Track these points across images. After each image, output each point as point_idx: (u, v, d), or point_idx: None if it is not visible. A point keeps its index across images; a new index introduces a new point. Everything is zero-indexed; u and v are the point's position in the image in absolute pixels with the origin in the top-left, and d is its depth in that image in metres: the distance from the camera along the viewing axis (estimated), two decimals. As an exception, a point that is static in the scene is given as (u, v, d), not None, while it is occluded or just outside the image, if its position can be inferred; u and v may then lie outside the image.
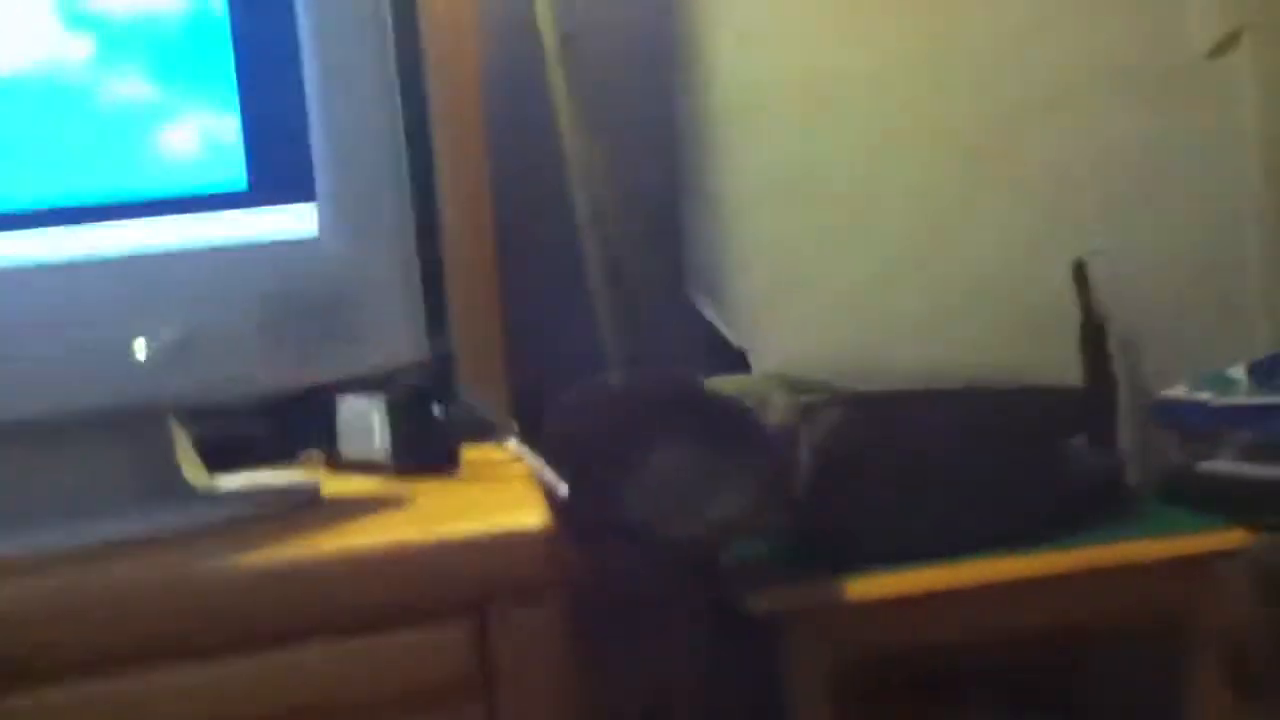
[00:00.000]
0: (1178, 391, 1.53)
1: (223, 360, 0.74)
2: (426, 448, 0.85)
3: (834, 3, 1.64)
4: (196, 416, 0.94)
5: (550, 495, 0.73)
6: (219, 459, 0.93)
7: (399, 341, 0.76)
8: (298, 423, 1.05)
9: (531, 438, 0.90)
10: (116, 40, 0.75)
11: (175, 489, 0.79)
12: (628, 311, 1.39)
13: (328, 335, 0.74)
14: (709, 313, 1.48)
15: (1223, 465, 1.45)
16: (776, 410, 1.23)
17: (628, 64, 1.53)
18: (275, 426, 1.07)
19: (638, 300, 1.41)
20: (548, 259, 1.37)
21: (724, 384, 1.28)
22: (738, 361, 1.47)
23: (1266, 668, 1.61)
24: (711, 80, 1.58)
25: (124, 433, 0.78)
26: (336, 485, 0.86)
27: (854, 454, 1.24)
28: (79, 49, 0.74)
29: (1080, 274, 1.63)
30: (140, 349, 0.72)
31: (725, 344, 1.48)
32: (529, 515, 0.66)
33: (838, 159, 1.64)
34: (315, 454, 1.01)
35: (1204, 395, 1.49)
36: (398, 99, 0.80)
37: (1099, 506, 1.37)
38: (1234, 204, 1.73)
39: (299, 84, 0.76)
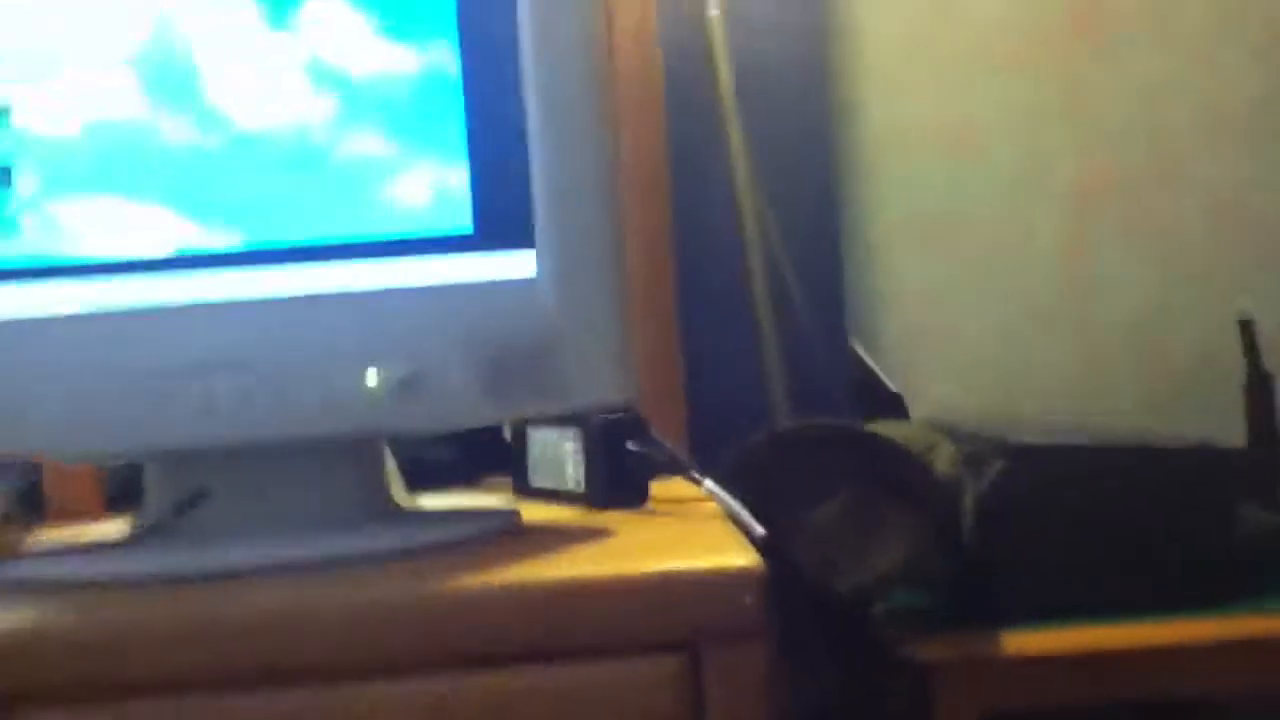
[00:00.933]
0: (1349, 455, 1.49)
1: (442, 394, 0.79)
2: (619, 481, 0.89)
3: (975, 52, 1.65)
4: (398, 442, 0.99)
5: (749, 535, 0.75)
6: (409, 478, 0.99)
7: (607, 384, 0.80)
8: (481, 449, 1.11)
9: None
10: (356, 99, 0.81)
11: (387, 511, 0.85)
12: (792, 357, 1.41)
13: (541, 374, 0.79)
14: (867, 358, 1.49)
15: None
16: (941, 459, 1.23)
17: (786, 109, 1.56)
18: (460, 451, 1.13)
19: (802, 346, 1.44)
20: (719, 306, 1.41)
21: (887, 430, 1.29)
22: (897, 407, 1.48)
23: None
24: (861, 126, 1.62)
25: (345, 457, 0.84)
26: (531, 513, 0.90)
27: (1018, 507, 1.24)
28: (323, 107, 0.81)
29: (1248, 330, 1.59)
30: (372, 379, 0.77)
31: (884, 390, 1.50)
32: (740, 554, 0.68)
33: (982, 205, 1.65)
34: (499, 481, 1.06)
35: (1378, 461, 1.44)
36: (609, 153, 0.84)
37: (1266, 571, 1.33)
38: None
39: (523, 139, 0.81)
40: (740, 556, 0.68)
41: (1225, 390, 1.59)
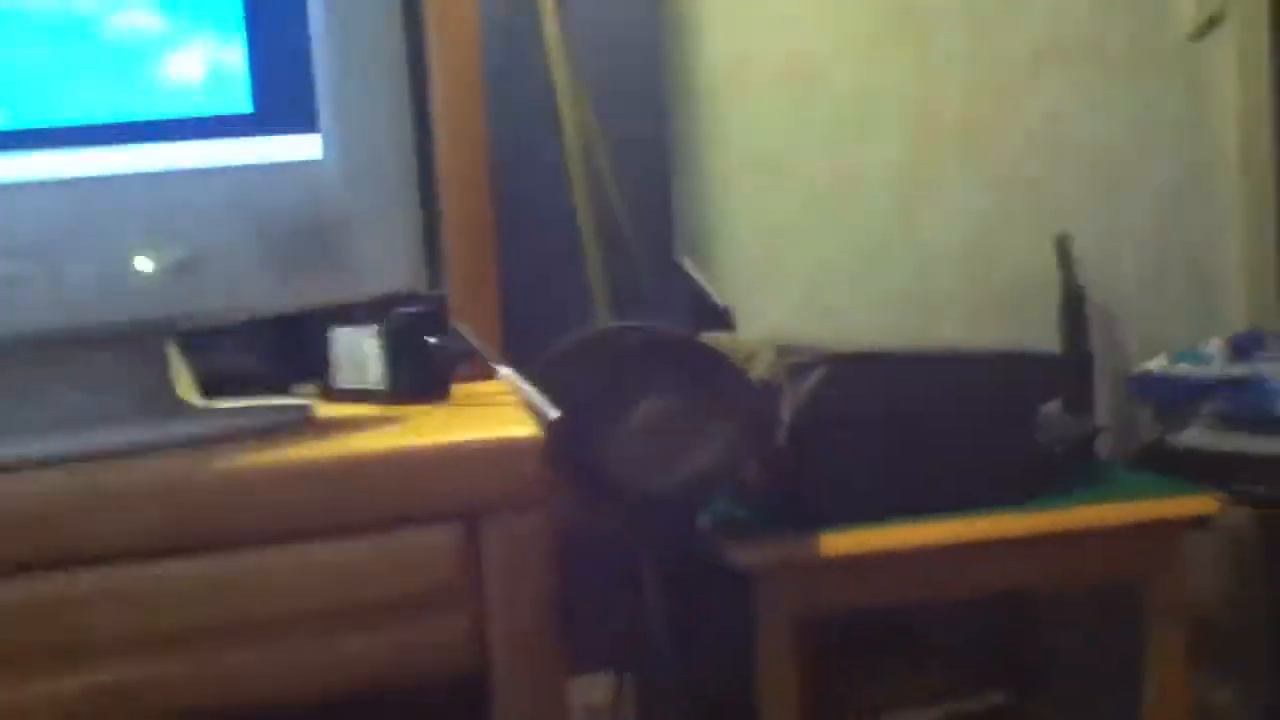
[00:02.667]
0: (1154, 365, 1.57)
1: (223, 281, 0.76)
2: (420, 376, 0.87)
3: None
4: (192, 348, 0.96)
5: (542, 420, 0.75)
6: (213, 388, 0.95)
7: (396, 269, 0.78)
8: (289, 356, 1.08)
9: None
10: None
11: (171, 405, 0.82)
12: (617, 270, 1.41)
13: (327, 259, 0.77)
14: (695, 273, 1.50)
15: (1195, 436, 1.49)
16: (762, 366, 1.25)
17: (621, 35, 1.55)
18: (267, 360, 1.10)
19: (628, 260, 1.44)
20: (541, 216, 1.39)
21: (713, 341, 1.30)
22: (724, 321, 1.49)
23: (1228, 637, 1.65)
24: (698, 58, 1.62)
25: (124, 350, 0.80)
26: (330, 410, 0.88)
27: (834, 413, 1.27)
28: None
29: (1063, 248, 1.66)
30: (144, 264, 0.74)
31: (713, 308, 1.51)
32: (520, 429, 0.68)
33: (821, 135, 1.67)
34: (308, 387, 1.03)
35: (1180, 368, 1.52)
36: (401, 36, 0.82)
37: (1071, 472, 1.40)
38: (1212, 184, 1.77)
39: (304, 15, 0.78)
40: (521, 430, 0.68)
41: (1048, 306, 1.67)
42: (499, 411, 0.78)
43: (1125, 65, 1.74)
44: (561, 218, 1.38)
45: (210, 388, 0.95)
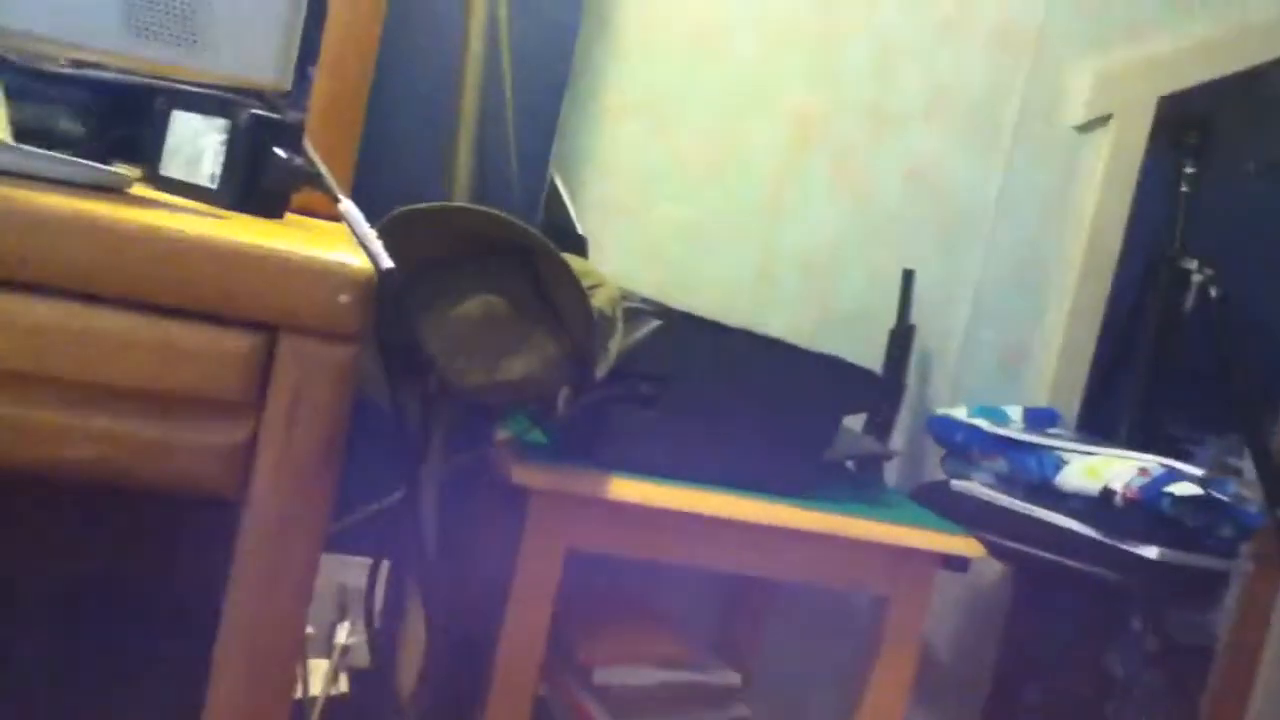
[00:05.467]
0: (958, 412, 1.63)
1: (74, 9, 0.69)
2: (256, 185, 0.81)
3: None
4: (16, 94, 0.87)
5: (375, 265, 0.71)
6: (26, 141, 0.87)
7: (260, 60, 0.72)
8: (122, 133, 0.99)
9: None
10: None
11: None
12: (487, 165, 1.37)
13: (193, 24, 0.70)
14: (564, 192, 1.47)
15: (974, 487, 1.56)
16: (603, 298, 1.23)
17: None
18: (97, 131, 1.01)
19: (501, 159, 1.39)
20: (426, 86, 1.33)
21: (568, 258, 1.28)
22: (580, 248, 1.47)
23: (951, 677, 1.74)
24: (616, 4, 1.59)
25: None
26: (150, 194, 0.81)
27: (656, 365, 1.27)
28: None
29: (906, 283, 1.71)
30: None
31: (571, 231, 1.48)
32: (343, 256, 0.64)
33: (705, 101, 1.67)
34: (132, 168, 0.95)
35: (979, 421, 1.59)
36: None
37: (855, 485, 1.44)
38: (1055, 263, 1.85)
39: None
40: (346, 257, 0.64)
41: (879, 333, 1.71)
42: (328, 240, 0.73)
43: (1011, 134, 1.80)
44: (443, 94, 1.32)
45: (24, 139, 0.87)
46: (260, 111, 0.82)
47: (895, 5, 1.73)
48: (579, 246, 1.48)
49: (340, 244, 0.72)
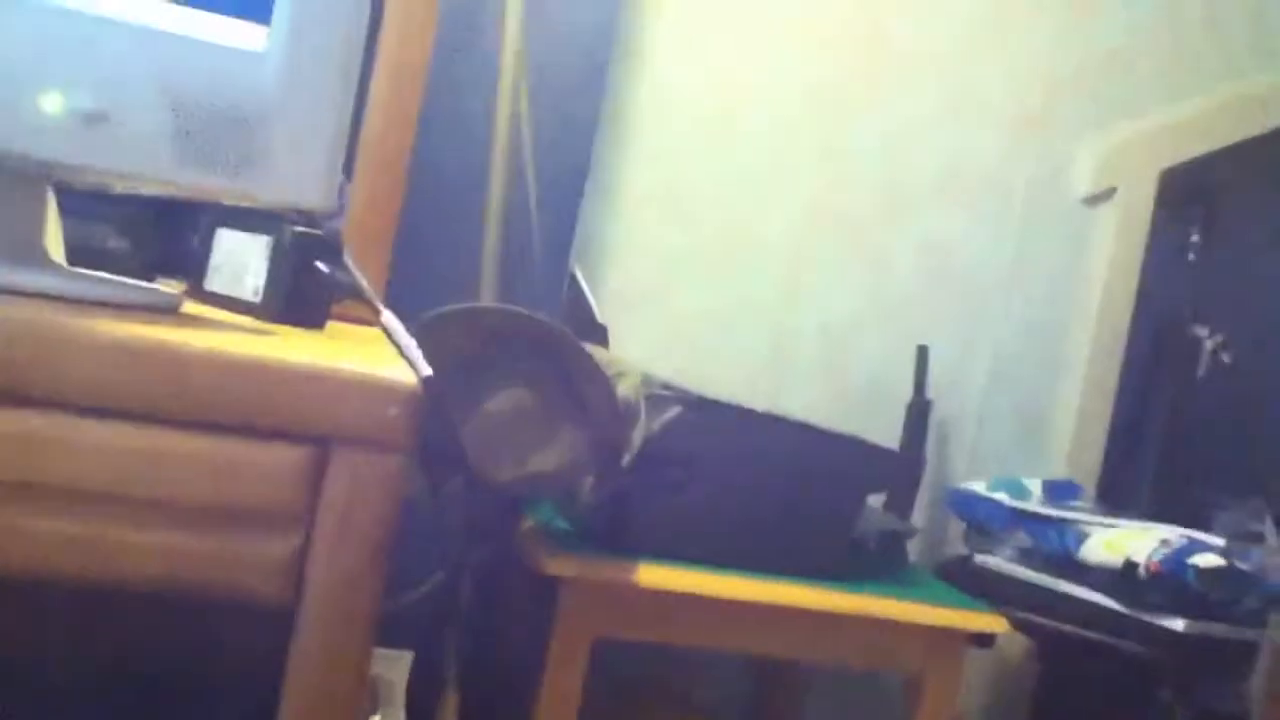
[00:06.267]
0: (976, 486, 1.65)
1: (125, 139, 0.73)
2: (299, 298, 0.85)
3: (760, 52, 1.72)
4: (67, 212, 0.92)
5: (415, 373, 0.74)
6: (75, 260, 0.91)
7: (308, 183, 0.76)
8: (164, 248, 1.04)
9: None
10: None
11: (35, 257, 0.78)
12: (511, 262, 1.41)
13: (240, 152, 0.74)
14: (584, 284, 1.51)
15: (998, 562, 1.57)
16: (627, 386, 1.26)
17: (575, 36, 1.57)
18: (140, 246, 1.05)
19: (524, 255, 1.44)
20: (455, 187, 1.38)
21: (590, 348, 1.31)
22: (600, 337, 1.51)
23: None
24: (637, 82, 1.64)
25: (6, 187, 0.76)
26: (197, 310, 0.85)
27: (681, 451, 1.29)
28: None
29: (921, 359, 1.74)
30: (50, 102, 0.71)
31: (592, 321, 1.52)
32: (390, 370, 0.67)
33: (720, 188, 1.72)
34: (176, 283, 0.99)
35: (998, 495, 1.60)
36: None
37: (879, 565, 1.45)
38: (1068, 335, 1.88)
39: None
40: (392, 371, 0.67)
41: (895, 410, 1.74)
42: (372, 350, 0.77)
43: (1021, 209, 1.84)
44: (471, 196, 1.37)
45: (74, 257, 0.91)
46: (302, 228, 0.86)
47: (901, 86, 1.78)
48: (600, 336, 1.52)
49: (382, 354, 0.76)
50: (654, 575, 1.27)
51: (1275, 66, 1.95)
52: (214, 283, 0.93)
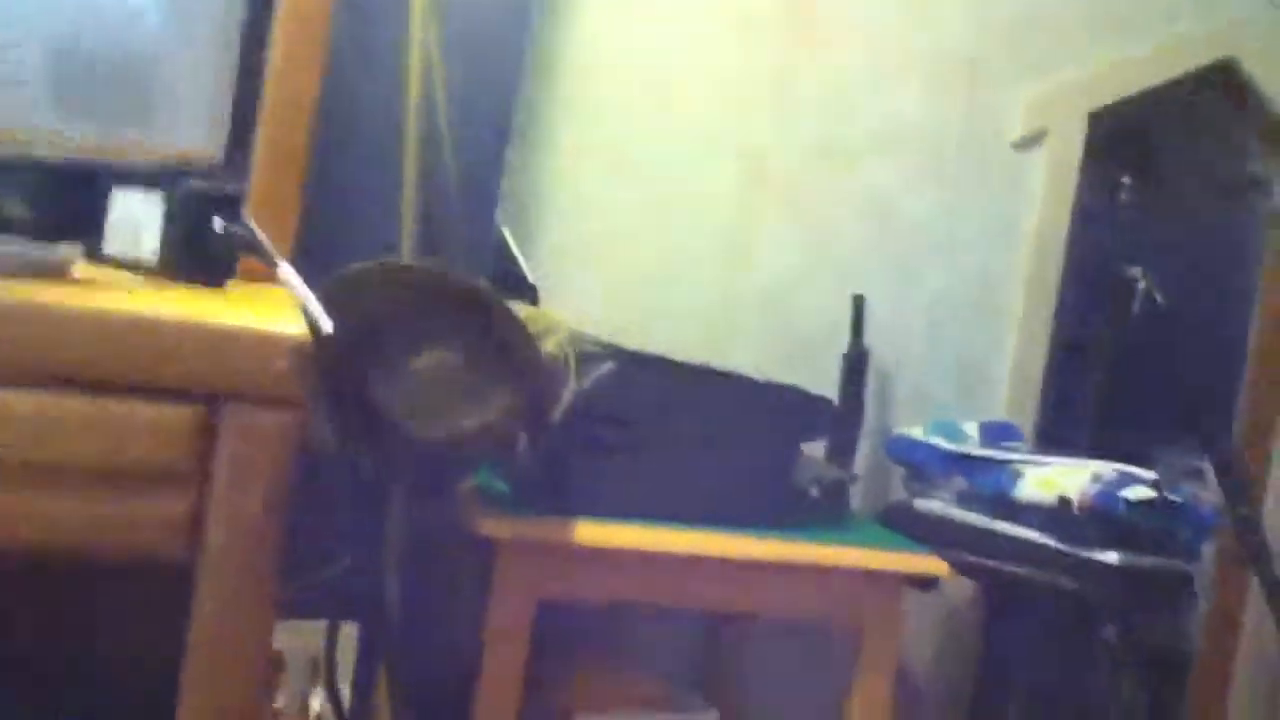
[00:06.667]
0: (915, 431, 1.65)
1: (10, 94, 0.70)
2: (197, 257, 0.82)
3: (688, 4, 1.70)
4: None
5: (313, 328, 0.72)
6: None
7: (196, 131, 0.74)
8: (59, 211, 1.00)
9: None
10: None
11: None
12: (433, 219, 1.38)
13: (127, 105, 0.72)
14: (512, 242, 1.49)
15: (937, 505, 1.58)
16: (553, 344, 1.25)
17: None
18: (36, 211, 1.02)
19: (445, 211, 1.41)
20: (369, 141, 1.35)
21: (515, 308, 1.29)
22: (530, 296, 1.49)
23: (931, 698, 1.74)
24: (564, 39, 1.62)
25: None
26: (92, 273, 0.82)
27: (612, 408, 1.28)
28: None
29: (857, 309, 1.74)
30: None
31: (520, 280, 1.50)
32: (285, 326, 0.65)
33: (659, 144, 1.70)
34: (74, 247, 0.96)
35: (936, 440, 1.61)
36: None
37: (820, 513, 1.45)
38: (1003, 282, 1.88)
39: None
40: (280, 325, 0.65)
41: (833, 359, 1.73)
42: (268, 307, 0.74)
43: (955, 159, 1.84)
44: (386, 152, 1.33)
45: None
46: (196, 183, 0.83)
47: (834, 40, 1.77)
48: (530, 295, 1.50)
49: (280, 311, 0.73)
50: (594, 533, 1.25)
51: (1205, 8, 1.96)
52: (111, 245, 0.90)
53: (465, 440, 1.13)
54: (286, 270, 0.77)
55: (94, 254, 0.92)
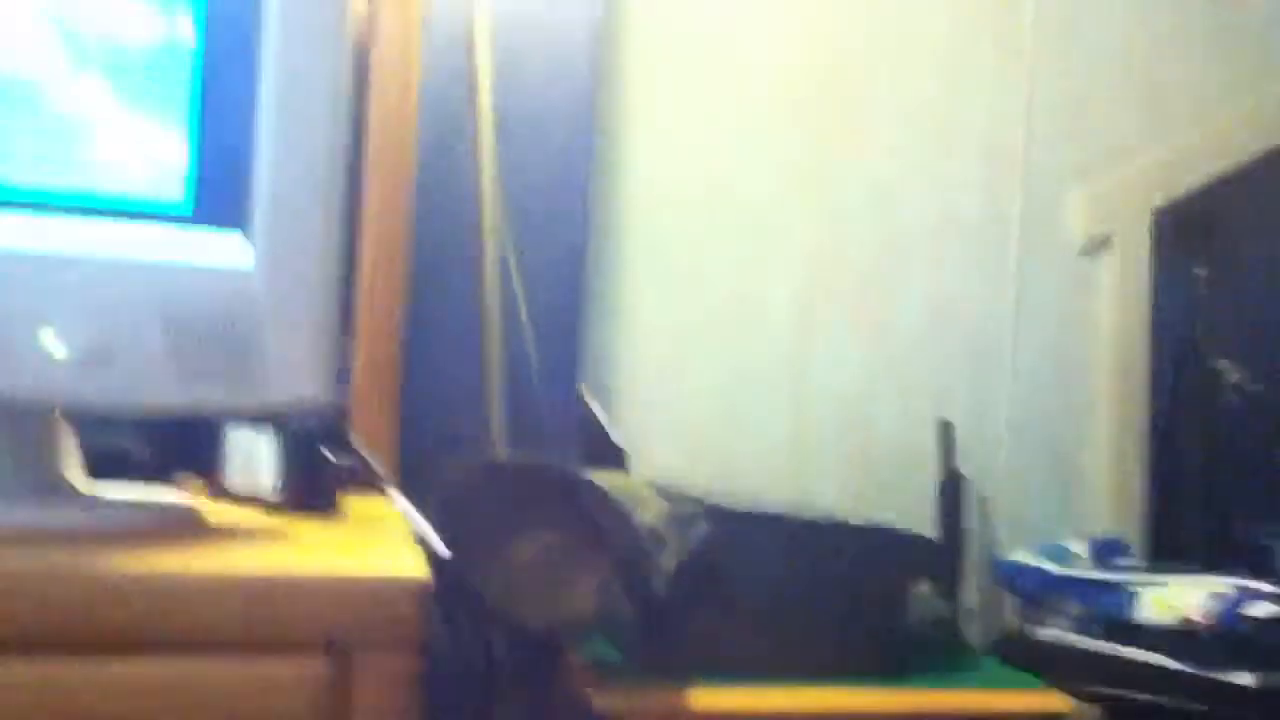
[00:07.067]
0: (1021, 556, 1.62)
1: (128, 376, 0.75)
2: (311, 487, 0.86)
3: (740, 124, 1.73)
4: (81, 422, 0.93)
5: (429, 554, 0.75)
6: (96, 468, 0.93)
7: (304, 384, 0.78)
8: (178, 445, 1.05)
9: (412, 501, 0.92)
10: (87, 51, 0.77)
11: (56, 488, 0.79)
12: (518, 398, 1.42)
13: (236, 367, 0.76)
14: (595, 407, 1.52)
15: (1054, 633, 1.54)
16: (649, 513, 1.26)
17: (550, 157, 1.59)
18: (156, 445, 1.07)
19: (531, 388, 1.45)
20: (451, 334, 1.40)
21: (602, 478, 1.31)
22: (619, 460, 1.51)
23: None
24: (620, 183, 1.67)
25: (13, 424, 0.78)
26: (217, 514, 0.86)
27: (715, 569, 1.29)
28: (51, 54, 0.77)
29: (945, 434, 1.72)
30: (51, 341, 0.73)
31: (608, 445, 1.52)
32: (406, 565, 0.68)
33: (724, 272, 1.72)
34: (193, 480, 1.01)
35: (1045, 564, 1.58)
36: (342, 152, 0.83)
37: (936, 653, 1.43)
38: (1088, 390, 1.86)
39: (253, 112, 0.79)
40: (406, 566, 0.68)
41: (921, 481, 1.72)
42: (387, 540, 0.78)
43: (1015, 257, 1.83)
44: (469, 342, 1.39)
45: (95, 464, 0.92)
46: (305, 418, 0.87)
47: (882, 141, 1.77)
48: (618, 458, 1.52)
49: (397, 541, 0.76)
50: (708, 698, 1.25)
51: (1263, 83, 1.96)
52: (231, 478, 0.95)
53: (572, 620, 1.15)
54: (399, 499, 0.80)
55: (215, 489, 0.97)
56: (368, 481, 0.86)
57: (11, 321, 0.73)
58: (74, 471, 0.84)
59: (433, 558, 0.78)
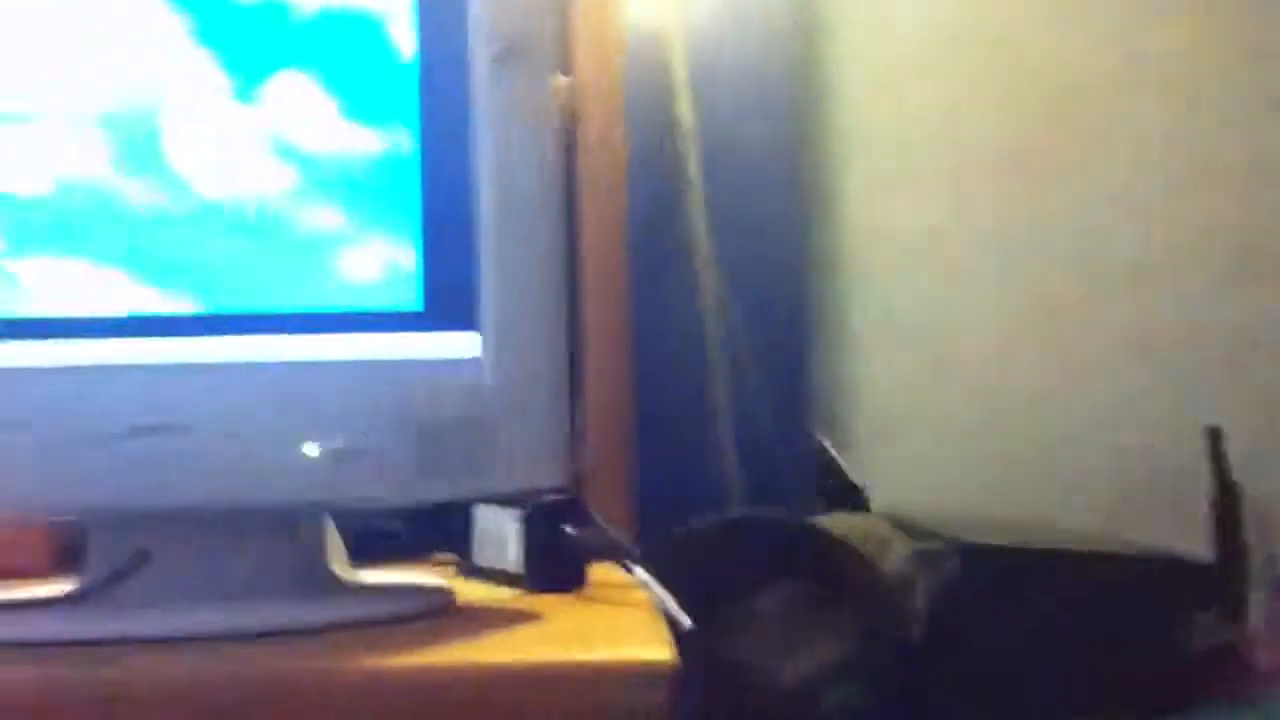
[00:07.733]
0: (1312, 573, 1.48)
1: (377, 470, 0.80)
2: (557, 565, 0.89)
3: (953, 164, 1.68)
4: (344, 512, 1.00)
5: (673, 626, 0.76)
6: (357, 550, 0.99)
7: (541, 467, 0.81)
8: (433, 525, 1.11)
9: (650, 566, 0.94)
10: (316, 174, 0.83)
11: (323, 582, 0.85)
12: (752, 446, 1.42)
13: (477, 456, 0.80)
14: (831, 448, 1.50)
15: (1358, 655, 1.40)
16: (894, 555, 1.23)
17: (761, 205, 1.59)
18: (411, 526, 1.14)
19: (762, 435, 1.44)
20: (676, 392, 1.42)
21: (841, 523, 1.29)
22: (858, 499, 1.48)
23: None
24: (837, 222, 1.64)
25: (285, 526, 0.84)
26: (469, 592, 0.91)
27: (970, 608, 1.24)
28: (283, 180, 0.83)
29: (1215, 442, 1.60)
30: (312, 450, 0.78)
31: (847, 486, 1.50)
32: (656, 649, 0.69)
33: (953, 309, 1.66)
34: (447, 557, 1.06)
35: (1342, 579, 1.44)
36: (563, 242, 0.86)
37: (1220, 685, 1.32)
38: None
39: (474, 223, 0.83)
40: (652, 651, 0.69)
41: (1191, 500, 1.60)
42: (632, 616, 0.79)
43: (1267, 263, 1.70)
44: (695, 399, 1.40)
45: (356, 547, 0.99)
46: (547, 499, 0.91)
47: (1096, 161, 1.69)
48: (857, 497, 1.49)
49: (641, 612, 0.78)
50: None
51: None
52: (481, 556, 0.99)
53: (821, 673, 1.13)
54: (643, 575, 0.82)
55: (466, 566, 1.01)
56: (610, 554, 0.88)
57: (272, 434, 0.79)
58: (339, 562, 0.90)
59: (675, 627, 0.79)
